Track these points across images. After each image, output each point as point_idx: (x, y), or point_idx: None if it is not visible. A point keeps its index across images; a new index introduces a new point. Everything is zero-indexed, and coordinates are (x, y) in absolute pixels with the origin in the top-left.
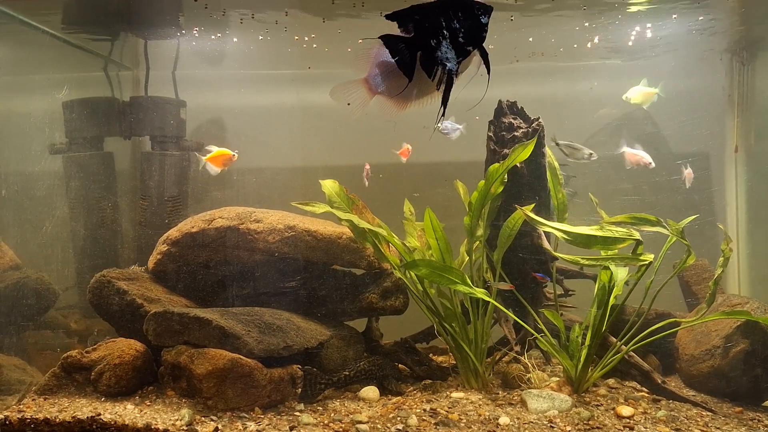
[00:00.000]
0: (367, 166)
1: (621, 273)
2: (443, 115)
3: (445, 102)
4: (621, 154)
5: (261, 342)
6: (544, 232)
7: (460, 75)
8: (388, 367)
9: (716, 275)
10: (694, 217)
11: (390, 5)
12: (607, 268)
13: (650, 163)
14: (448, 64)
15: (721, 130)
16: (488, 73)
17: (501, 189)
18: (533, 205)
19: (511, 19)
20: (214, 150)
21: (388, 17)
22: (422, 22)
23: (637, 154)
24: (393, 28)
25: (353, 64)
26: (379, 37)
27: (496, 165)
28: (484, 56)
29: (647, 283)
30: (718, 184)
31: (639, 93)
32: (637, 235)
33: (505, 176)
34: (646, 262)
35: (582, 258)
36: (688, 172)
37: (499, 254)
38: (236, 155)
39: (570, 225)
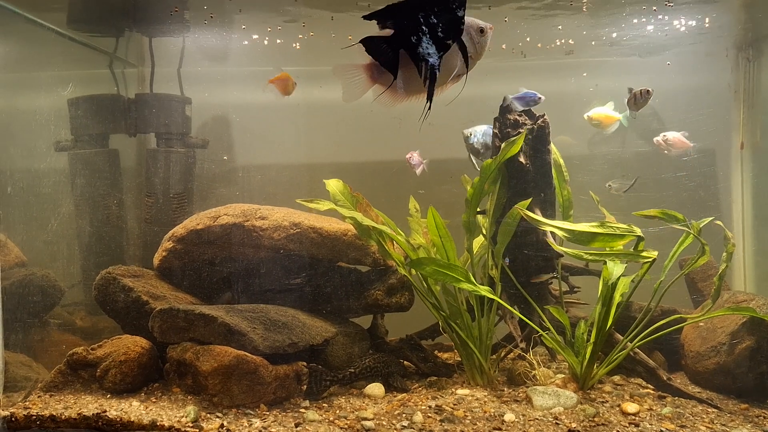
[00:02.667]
0: (414, 157)
1: (619, 269)
2: (429, 109)
3: (430, 96)
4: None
5: (266, 339)
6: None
7: (453, 76)
8: (393, 364)
9: (720, 270)
10: (710, 219)
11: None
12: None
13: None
14: (430, 59)
15: (726, 126)
16: (467, 68)
17: (498, 185)
18: (530, 201)
19: (505, 20)
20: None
21: (366, 17)
22: (400, 20)
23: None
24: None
25: (359, 49)
26: (360, 41)
27: (489, 161)
28: (463, 50)
29: (656, 284)
30: (724, 181)
31: (602, 114)
32: (639, 232)
33: (498, 172)
34: (649, 259)
35: (585, 253)
36: (675, 139)
37: (500, 249)
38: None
39: (572, 222)
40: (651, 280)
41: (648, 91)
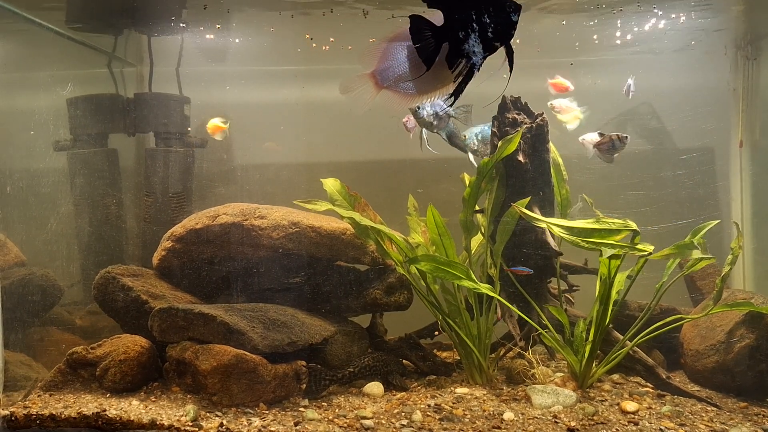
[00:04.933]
0: (411, 120)
1: (616, 261)
2: (452, 104)
3: (458, 93)
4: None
5: (265, 338)
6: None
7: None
8: (392, 362)
9: (724, 273)
10: (715, 222)
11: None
12: (610, 257)
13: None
14: (474, 58)
15: (726, 124)
16: (510, 71)
17: (496, 184)
18: (529, 200)
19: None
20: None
21: None
22: (452, 12)
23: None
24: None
25: (361, 58)
26: (409, 17)
27: (486, 159)
28: (510, 54)
29: (659, 284)
30: (723, 179)
31: (568, 108)
32: (634, 226)
33: (494, 171)
34: (645, 252)
35: (582, 240)
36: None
37: (499, 248)
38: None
39: (566, 220)
40: (648, 278)
41: (626, 137)
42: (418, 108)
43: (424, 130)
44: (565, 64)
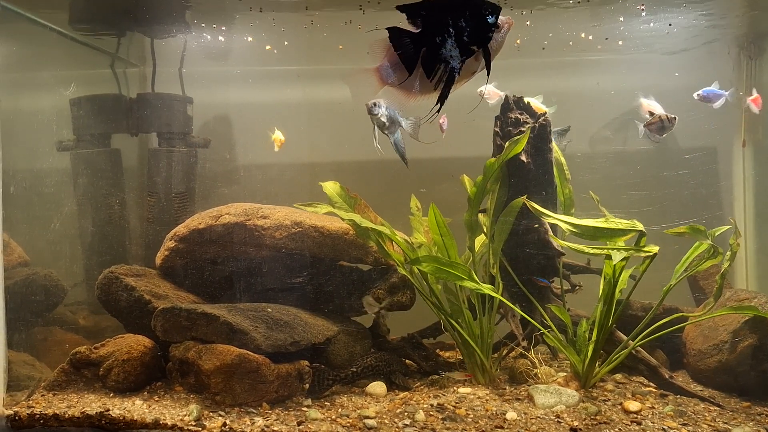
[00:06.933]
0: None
1: (621, 264)
2: (438, 111)
3: (442, 99)
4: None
5: (268, 337)
6: (551, 227)
7: (465, 74)
8: (395, 362)
9: (723, 269)
10: (726, 228)
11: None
12: (610, 258)
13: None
14: (451, 62)
15: (728, 124)
16: (488, 73)
17: (499, 184)
18: (526, 197)
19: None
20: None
21: (399, 8)
22: (429, 17)
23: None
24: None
25: (369, 51)
26: (386, 29)
27: (492, 159)
28: (487, 56)
29: (665, 288)
30: (726, 179)
31: (534, 106)
32: (641, 227)
33: (499, 171)
34: (651, 254)
35: (587, 247)
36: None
37: (498, 246)
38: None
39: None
40: (649, 277)
41: (675, 117)
42: (375, 105)
43: (377, 128)
44: (570, 64)
